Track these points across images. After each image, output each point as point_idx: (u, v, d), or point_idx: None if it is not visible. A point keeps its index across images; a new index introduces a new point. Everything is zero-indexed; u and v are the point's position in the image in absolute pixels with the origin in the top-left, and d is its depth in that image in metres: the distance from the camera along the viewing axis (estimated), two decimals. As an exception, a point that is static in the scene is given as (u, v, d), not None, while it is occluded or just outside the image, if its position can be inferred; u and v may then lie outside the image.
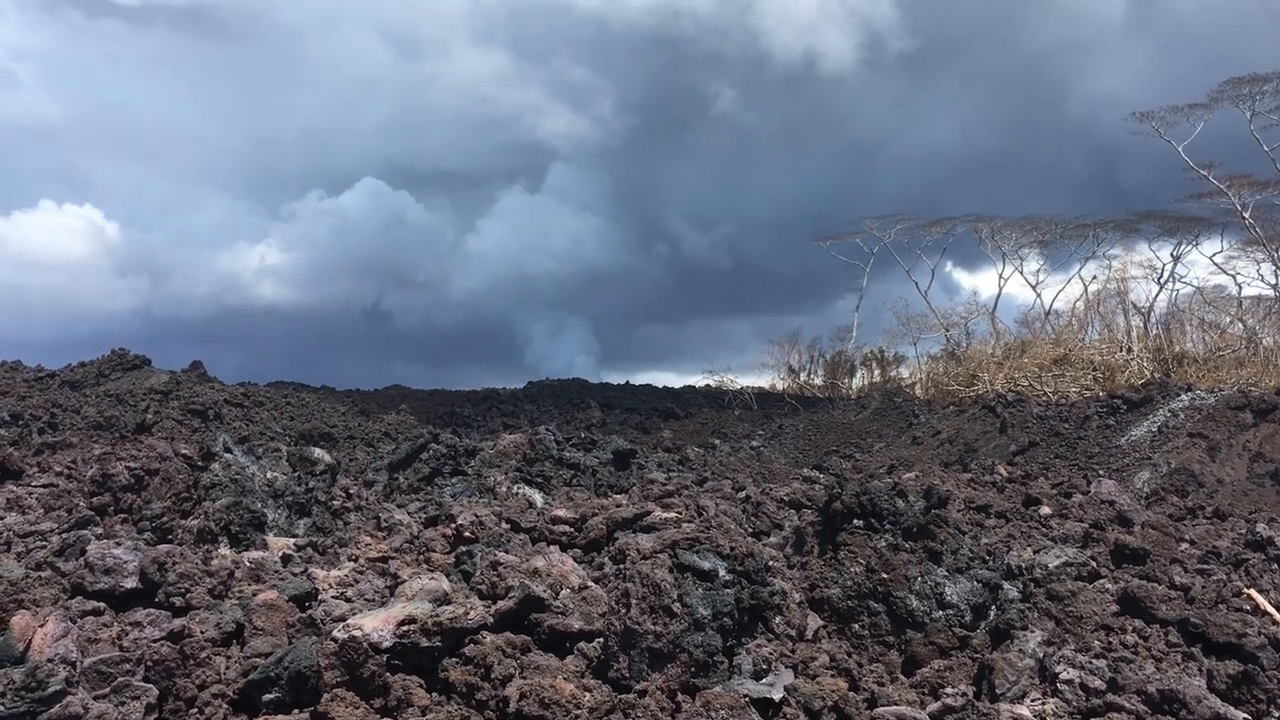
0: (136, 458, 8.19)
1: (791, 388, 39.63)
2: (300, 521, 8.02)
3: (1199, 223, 33.60)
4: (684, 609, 4.81)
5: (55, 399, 18.58)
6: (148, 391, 20.35)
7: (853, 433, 25.52)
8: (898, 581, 5.78)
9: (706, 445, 22.09)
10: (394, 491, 11.07)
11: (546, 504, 9.24)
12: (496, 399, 31.67)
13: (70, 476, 8.91)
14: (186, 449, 8.85)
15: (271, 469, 9.03)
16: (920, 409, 25.79)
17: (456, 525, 7.33)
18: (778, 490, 9.82)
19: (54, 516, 7.43)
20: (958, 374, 29.61)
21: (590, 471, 11.73)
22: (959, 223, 40.49)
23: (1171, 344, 27.19)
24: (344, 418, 22.57)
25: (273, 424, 19.98)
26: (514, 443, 12.27)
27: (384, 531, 7.76)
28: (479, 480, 10.96)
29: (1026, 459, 18.63)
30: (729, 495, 9.55)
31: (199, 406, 19.39)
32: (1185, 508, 11.07)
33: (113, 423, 16.91)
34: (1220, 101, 30.76)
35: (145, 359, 23.20)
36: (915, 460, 20.05)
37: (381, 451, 15.36)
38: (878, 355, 40.33)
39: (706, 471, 14.48)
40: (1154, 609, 6.13)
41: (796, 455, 23.46)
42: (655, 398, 35.76)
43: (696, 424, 28.43)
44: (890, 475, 15.06)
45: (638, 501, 8.34)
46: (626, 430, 24.45)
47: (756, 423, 28.58)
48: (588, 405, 29.56)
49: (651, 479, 11.09)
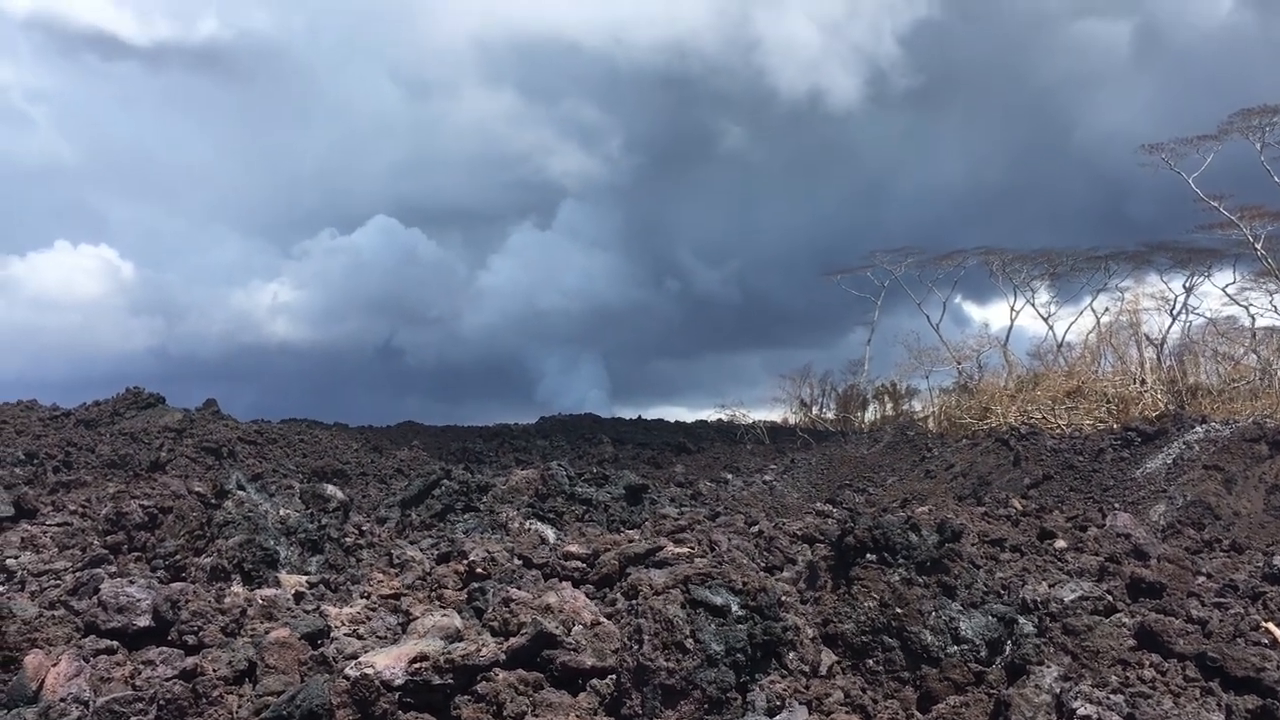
0: (150, 496, 8.22)
1: (804, 421, 39.55)
2: (313, 559, 8.01)
3: (1211, 254, 33.56)
4: (697, 645, 4.79)
5: (70, 438, 18.65)
6: (162, 430, 20.43)
7: (866, 466, 25.41)
8: (912, 616, 5.74)
9: (719, 480, 22.02)
10: (406, 528, 11.05)
11: (559, 540, 9.22)
12: (509, 434, 31.65)
13: (84, 515, 8.94)
14: (200, 487, 8.87)
15: (284, 506, 9.05)
16: (933, 442, 25.66)
17: (469, 561, 7.32)
18: (791, 524, 9.77)
19: (68, 555, 7.45)
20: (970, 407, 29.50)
21: (602, 507, 11.70)
22: (970, 255, 40.55)
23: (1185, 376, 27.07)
24: (357, 454, 22.59)
25: (286, 461, 20.01)
26: (526, 478, 12.26)
27: (396, 568, 7.75)
28: (491, 516, 10.94)
29: (1041, 492, 18.52)
30: (742, 530, 9.51)
31: (212, 444, 19.44)
32: (1202, 541, 10.99)
33: (127, 461, 16.96)
34: (1230, 133, 30.81)
35: (159, 397, 23.31)
36: (929, 494, 19.94)
37: (394, 488, 15.35)
38: (890, 389, 40.28)
39: (719, 506, 14.42)
40: (1171, 643, 6.07)
41: (809, 489, 23.36)
42: (667, 432, 35.69)
43: (708, 458, 28.35)
44: (903, 509, 14.98)
45: (650, 537, 8.31)
46: (638, 465, 24.39)
47: (769, 457, 28.49)
48: (600, 440, 29.53)
49: (664, 514, 11.05)
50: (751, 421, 36.53)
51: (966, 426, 26.86)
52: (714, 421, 39.19)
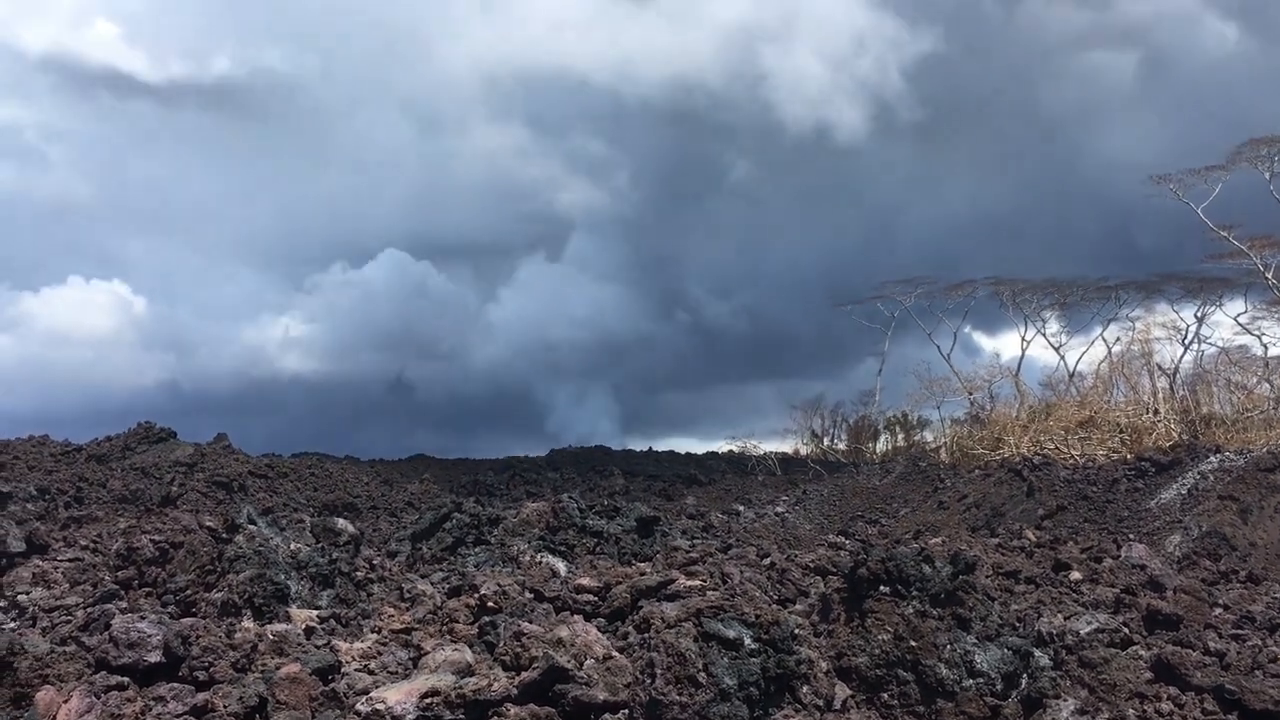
0: (161, 531, 8.23)
1: (815, 453, 39.42)
2: (323, 593, 7.99)
3: (1222, 283, 33.48)
4: (709, 679, 4.76)
5: (81, 473, 18.69)
6: (173, 464, 20.45)
7: (878, 498, 25.28)
8: (926, 649, 5.70)
9: (730, 512, 21.93)
10: (417, 561, 11.03)
11: (570, 573, 9.19)
12: (519, 467, 31.60)
13: (96, 550, 8.96)
14: (211, 521, 8.87)
15: (295, 540, 9.03)
16: (945, 473, 25.53)
17: (480, 595, 7.30)
18: (803, 556, 9.73)
19: (79, 591, 7.46)
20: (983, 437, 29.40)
21: (614, 539, 11.67)
22: (980, 285, 40.49)
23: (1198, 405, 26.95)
24: (367, 488, 22.57)
25: (296, 495, 20.01)
26: (537, 511, 12.23)
27: (407, 602, 7.72)
28: (502, 549, 10.91)
29: (1055, 523, 18.39)
30: (754, 562, 9.47)
31: (223, 478, 19.46)
32: (1218, 572, 10.90)
33: (138, 496, 16.99)
34: (1239, 162, 30.82)
35: (171, 432, 23.36)
36: (941, 525, 19.82)
37: (405, 521, 15.34)
38: (901, 419, 40.18)
39: (731, 538, 14.36)
40: (1189, 676, 6.01)
41: (821, 521, 23.25)
42: (678, 464, 35.58)
43: (720, 490, 28.25)
44: (916, 540, 14.89)
45: (662, 569, 8.28)
46: (650, 497, 24.33)
47: (780, 488, 28.37)
48: (610, 472, 29.47)
49: (675, 546, 11.00)
50: (763, 453, 36.45)
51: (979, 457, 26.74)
52: (725, 453, 39.09)
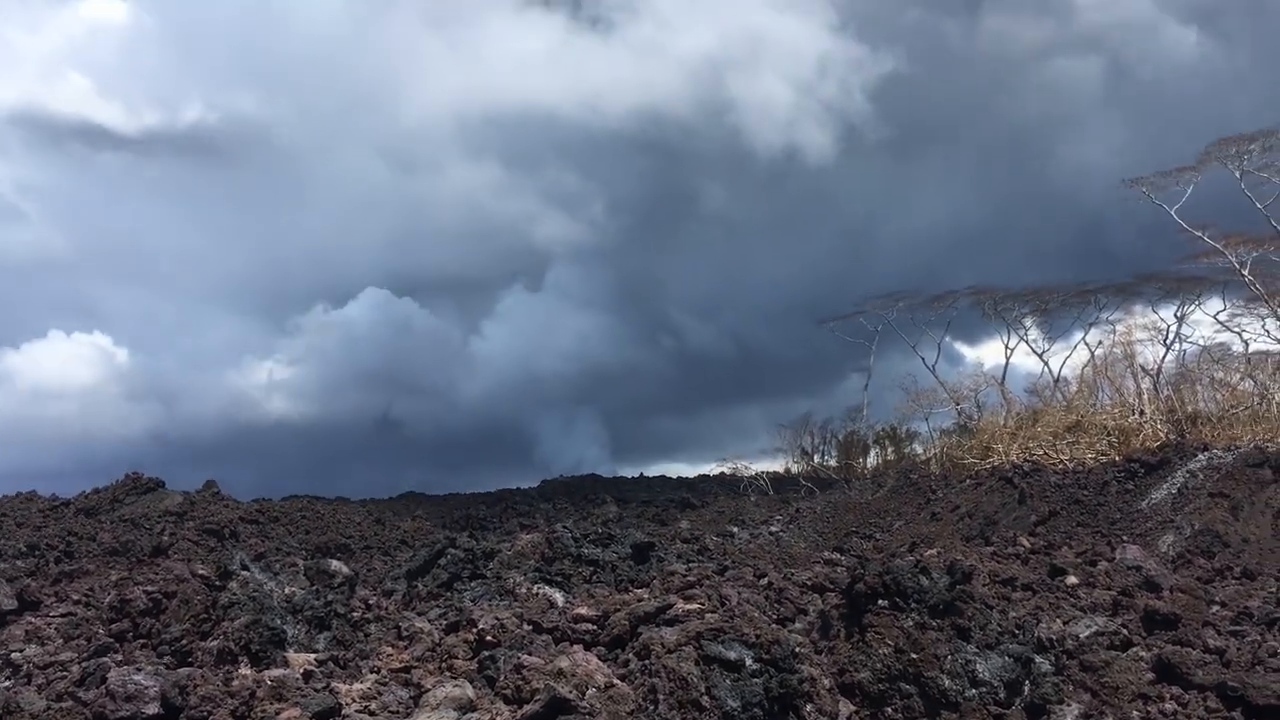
0: (154, 581, 8.16)
1: (806, 470, 39.38)
2: (320, 636, 7.93)
3: (1199, 282, 33.71)
4: (713, 702, 4.74)
5: (71, 527, 18.53)
6: (163, 514, 20.31)
7: (871, 512, 25.26)
8: (928, 661, 5.69)
9: (725, 533, 21.88)
10: (413, 599, 10.96)
11: (568, 603, 9.14)
12: (511, 499, 31.52)
13: (88, 604, 8.87)
14: (203, 569, 8.80)
15: (289, 584, 8.96)
16: (937, 484, 25.54)
17: (478, 630, 7.25)
18: (800, 575, 9.71)
19: (73, 645, 7.38)
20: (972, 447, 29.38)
21: (610, 567, 11.63)
22: (961, 296, 40.65)
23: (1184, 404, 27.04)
24: (360, 528, 22.44)
25: (288, 538, 19.88)
26: (532, 542, 12.19)
27: (405, 640, 7.67)
28: (498, 582, 10.86)
29: (1048, 529, 18.40)
30: (751, 583, 9.45)
31: (214, 526, 19.33)
32: (1213, 569, 10.92)
33: (129, 547, 16.85)
34: (1209, 163, 31.11)
35: (159, 481, 23.23)
36: (936, 536, 19.81)
37: (399, 559, 15.24)
38: (890, 433, 40.15)
39: (726, 560, 14.31)
40: (1190, 675, 6.01)
41: (816, 538, 23.20)
42: (670, 489, 35.51)
43: (713, 513, 28.19)
44: (912, 553, 14.88)
45: (659, 594, 8.25)
46: (643, 523, 24.24)
47: (773, 508, 28.34)
48: (603, 500, 29.39)
49: (672, 571, 10.97)
50: (754, 473, 36.41)
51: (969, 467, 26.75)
52: (716, 475, 39.02)
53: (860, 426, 41.20)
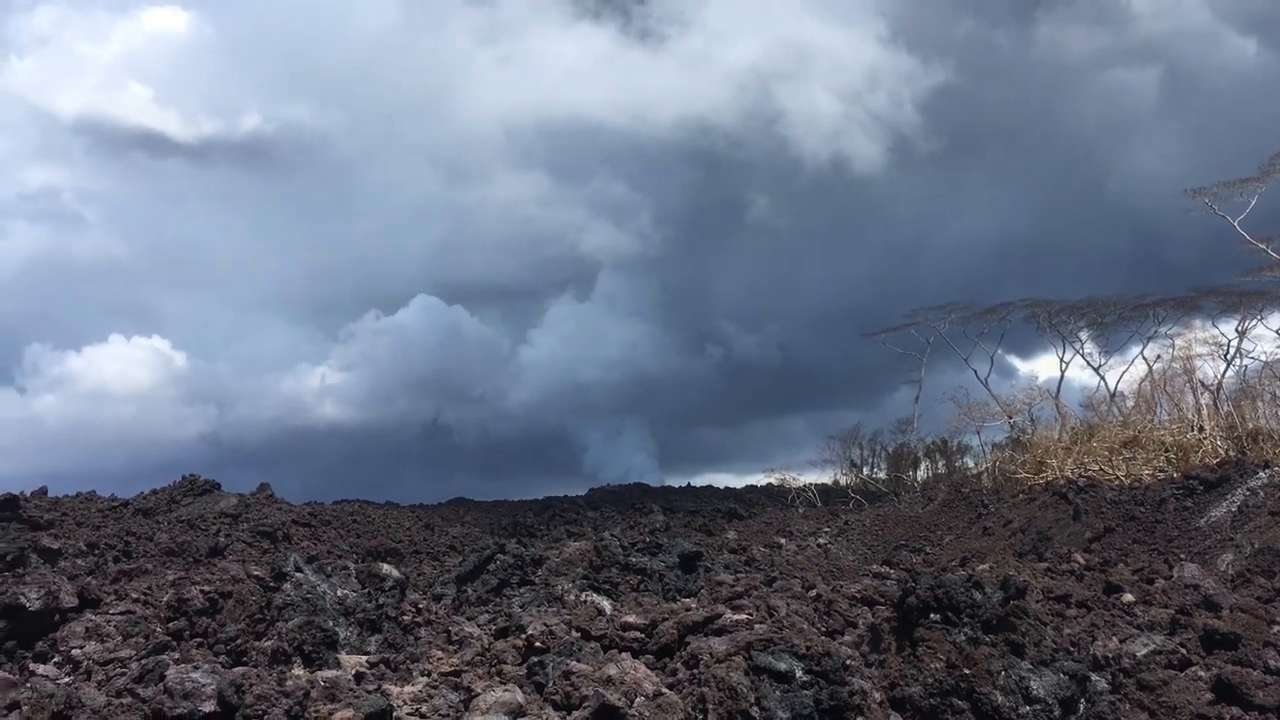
0: (210, 581, 8.30)
1: (855, 483, 39.13)
2: (372, 638, 8.01)
3: (1262, 296, 33.03)
4: (762, 713, 4.72)
5: (129, 527, 18.89)
6: (218, 515, 20.66)
7: (921, 526, 25.04)
8: (980, 676, 5.63)
9: (772, 544, 21.78)
10: (463, 604, 11.04)
11: (615, 610, 9.16)
12: (559, 507, 31.66)
13: (146, 603, 9.04)
14: (258, 570, 8.94)
15: (341, 587, 9.06)
16: (989, 498, 25.25)
17: (527, 636, 7.29)
18: (849, 587, 9.64)
19: (132, 643, 7.52)
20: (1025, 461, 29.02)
21: (657, 576, 11.64)
22: (1015, 308, 40.16)
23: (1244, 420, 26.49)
24: (409, 532, 22.68)
25: (340, 542, 20.13)
26: (580, 550, 12.23)
27: (455, 645, 7.73)
28: (547, 589, 10.90)
29: (1103, 545, 18.11)
30: (799, 594, 9.40)
31: (268, 528, 19.61)
32: (1273, 589, 10.68)
33: (185, 548, 17.14)
34: (1273, 173, 30.49)
35: (215, 484, 23.63)
36: (987, 551, 19.58)
37: (448, 564, 15.37)
38: (941, 446, 39.79)
39: (774, 571, 14.26)
40: (1250, 695, 5.89)
41: (865, 551, 23.03)
42: (717, 499, 35.44)
43: (760, 524, 28.11)
44: (963, 568, 14.71)
45: (707, 604, 8.24)
46: (691, 533, 24.24)
47: (821, 520, 28.17)
48: (650, 509, 29.43)
49: (719, 581, 10.95)
50: (802, 484, 36.24)
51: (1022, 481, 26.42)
52: (764, 486, 38.96)
53: (910, 439, 40.88)
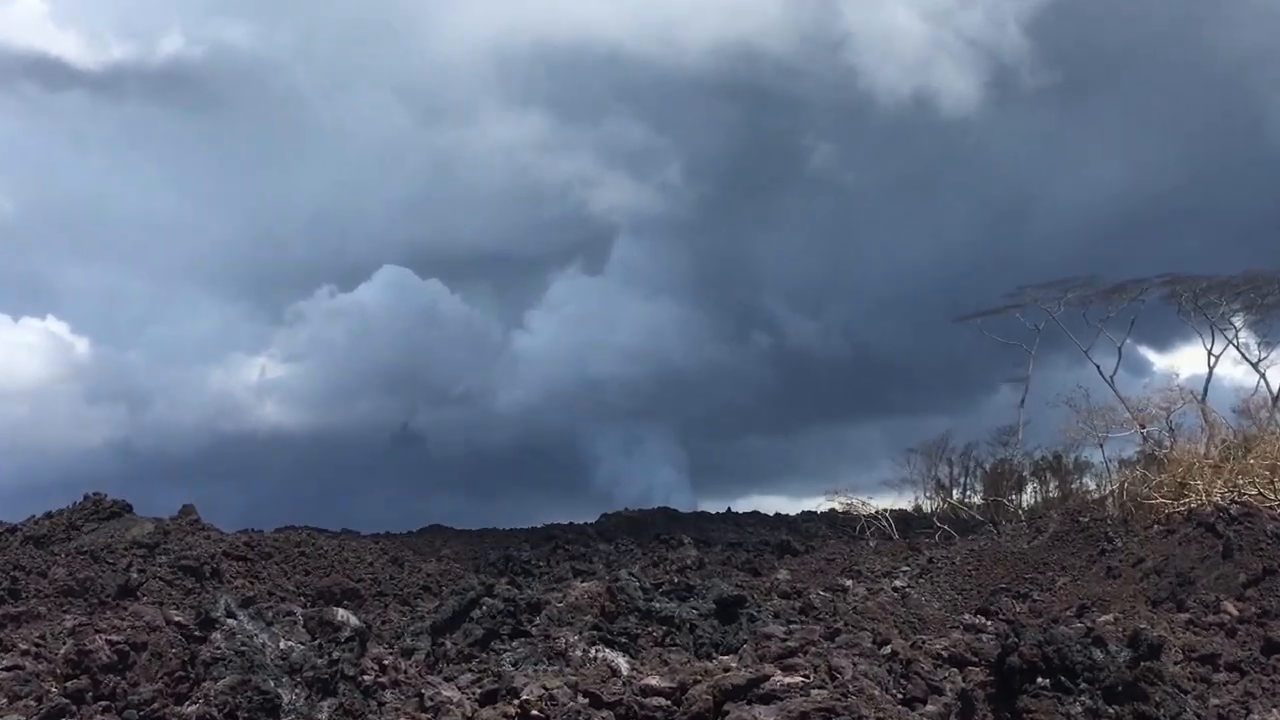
0: (119, 629, 8.35)
1: (942, 509, 39.09)
2: (323, 703, 8.06)
3: None
4: (821, 803, 4.73)
5: (17, 559, 19.04)
6: (130, 545, 20.79)
7: (1027, 564, 24.99)
8: (1101, 759, 5.62)
9: (835, 588, 21.79)
10: (440, 661, 11.10)
11: (634, 671, 9.19)
12: (562, 538, 31.80)
13: (39, 655, 9.11)
14: (180, 616, 8.99)
15: (285, 637, 9.12)
16: (1114, 530, 25.19)
17: (521, 702, 7.32)
18: (933, 643, 9.65)
19: (20, 707, 7.58)
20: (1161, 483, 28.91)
21: (688, 626, 11.67)
22: (1151, 286, 39.83)
23: None
24: (372, 569, 22.80)
25: (284, 580, 20.26)
26: (589, 593, 12.27)
27: (429, 712, 7.77)
28: (547, 643, 10.95)
29: (1262, 591, 17.99)
30: (869, 652, 9.41)
31: (193, 562, 19.73)
32: None
33: (88, 586, 17.28)
34: None
35: (125, 505, 23.78)
36: (1112, 598, 19.51)
37: (421, 610, 15.45)
38: (1053, 462, 39.67)
39: (837, 622, 14.27)
40: None
41: (954, 596, 23.02)
42: (765, 528, 35.51)
43: (820, 560, 28.14)
44: (1081, 618, 14.66)
45: (752, 663, 8.25)
46: (731, 572, 24.28)
47: (899, 556, 28.17)
48: (679, 542, 29.50)
49: (767, 633, 10.96)
50: (874, 511, 36.23)
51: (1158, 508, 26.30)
52: (825, 512, 38.95)
53: (1014, 453, 40.74)
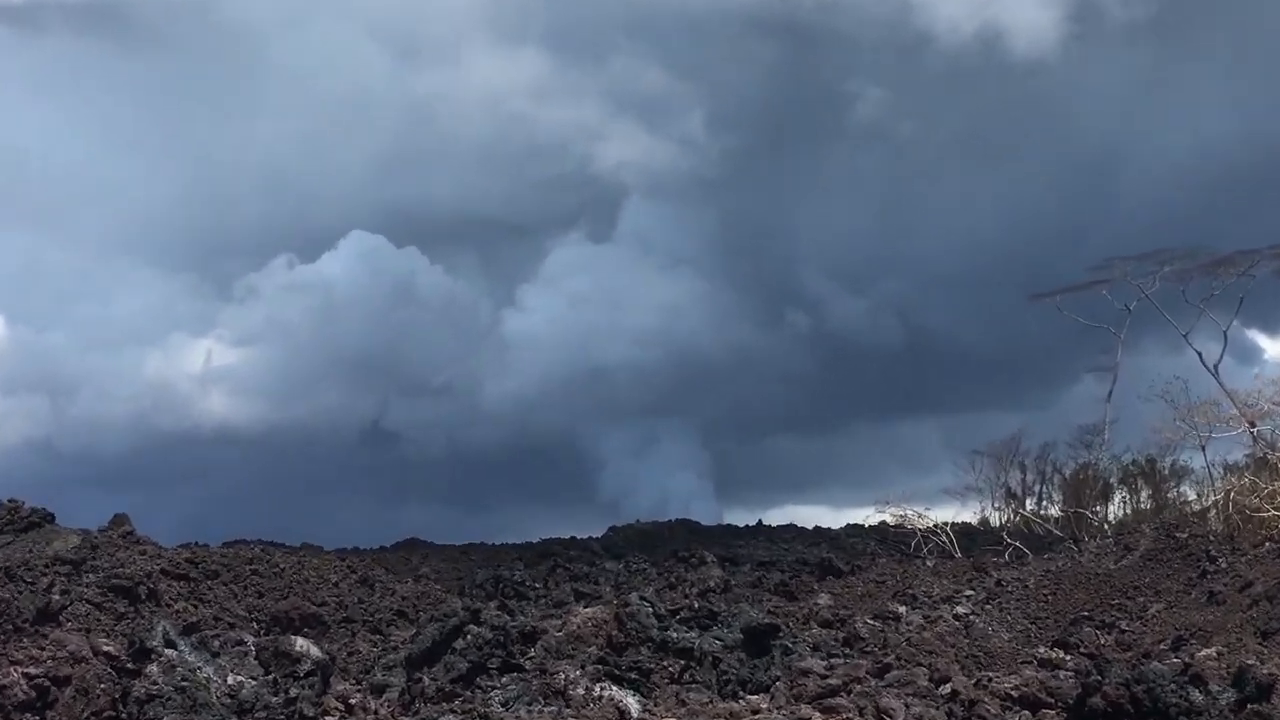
0: (38, 660, 8.38)
1: (1013, 522, 39.06)
2: (279, 749, 8.10)
3: None
4: None
5: (-81, 577, 19.13)
6: (51, 562, 20.84)
7: (1113, 588, 24.99)
8: (1200, 819, 5.63)
9: (885, 615, 21.83)
10: (416, 700, 11.13)
11: (645, 712, 9.21)
12: (562, 555, 31.85)
13: (-55, 691, 9.15)
14: (110, 645, 9.03)
15: (234, 671, 9.15)
16: (1218, 548, 25.18)
17: (512, 748, 7.34)
18: (1001, 681, 9.66)
19: (-77, 751, 7.63)
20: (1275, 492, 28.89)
21: (710, 660, 11.67)
22: (1261, 258, 39.72)
23: None
24: (337, 590, 22.83)
25: (233, 604, 20.31)
26: (593, 620, 12.29)
27: (403, 761, 7.80)
28: (543, 679, 10.97)
29: (1393, 621, 18.02)
30: (925, 692, 9.43)
31: (125, 581, 19.77)
32: None
33: (2, 610, 17.34)
34: None
35: (46, 514, 23.83)
36: (1215, 628, 19.50)
37: (395, 640, 15.48)
38: (1145, 468, 39.61)
39: (888, 656, 14.29)
40: None
41: (1026, 626, 23.02)
42: (802, 544, 35.53)
43: (868, 583, 28.12)
44: (1177, 653, 14.65)
45: (785, 704, 8.28)
46: (762, 595, 24.34)
47: (961, 578, 28.16)
48: (701, 560, 29.51)
49: (804, 669, 10.99)
50: (932, 524, 36.21)
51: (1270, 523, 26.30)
52: (873, 526, 38.94)
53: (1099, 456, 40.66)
